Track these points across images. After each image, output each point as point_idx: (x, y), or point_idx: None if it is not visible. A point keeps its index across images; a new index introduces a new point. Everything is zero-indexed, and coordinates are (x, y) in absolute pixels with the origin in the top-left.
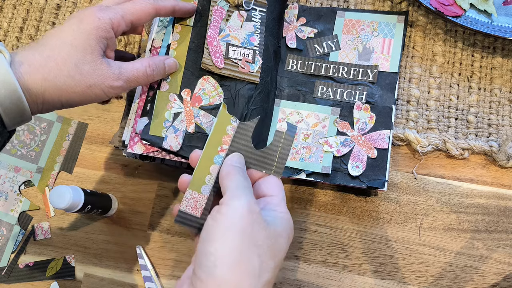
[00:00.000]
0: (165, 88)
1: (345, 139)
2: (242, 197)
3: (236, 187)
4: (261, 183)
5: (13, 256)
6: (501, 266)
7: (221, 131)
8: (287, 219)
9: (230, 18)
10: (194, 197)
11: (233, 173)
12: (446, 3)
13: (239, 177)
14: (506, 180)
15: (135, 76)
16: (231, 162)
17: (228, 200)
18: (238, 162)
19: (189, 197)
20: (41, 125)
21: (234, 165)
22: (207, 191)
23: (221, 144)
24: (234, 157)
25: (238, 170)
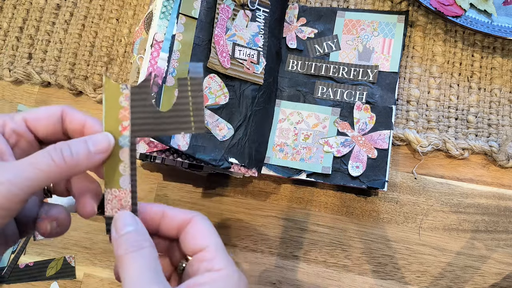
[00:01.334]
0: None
1: (345, 139)
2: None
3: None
4: (186, 234)
5: (13, 256)
6: (501, 266)
7: (114, 107)
8: (226, 278)
9: (236, 17)
10: (115, 195)
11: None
12: (446, 3)
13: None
14: (506, 180)
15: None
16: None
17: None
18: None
19: (110, 197)
20: None
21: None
22: (127, 183)
23: (120, 122)
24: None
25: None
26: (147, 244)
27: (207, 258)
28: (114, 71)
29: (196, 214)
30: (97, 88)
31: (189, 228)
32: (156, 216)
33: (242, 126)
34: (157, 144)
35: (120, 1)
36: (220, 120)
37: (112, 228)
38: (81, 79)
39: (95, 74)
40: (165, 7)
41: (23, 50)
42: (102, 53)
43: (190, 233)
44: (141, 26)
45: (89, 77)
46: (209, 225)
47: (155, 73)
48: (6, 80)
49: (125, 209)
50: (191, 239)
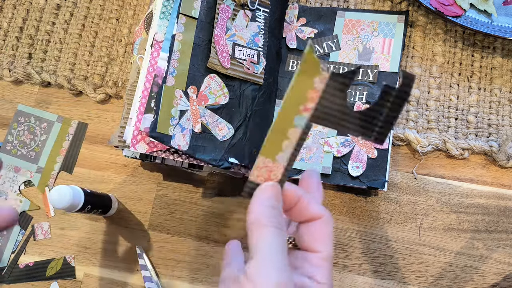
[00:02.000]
0: (171, 82)
1: (345, 139)
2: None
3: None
4: (308, 228)
5: (13, 256)
6: (501, 266)
7: (305, 84)
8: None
9: (236, 17)
10: (267, 165)
11: (265, 228)
12: (446, 3)
13: (272, 236)
14: (506, 180)
15: None
16: (260, 202)
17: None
18: (271, 199)
19: (261, 165)
20: (41, 125)
21: (265, 206)
22: (284, 160)
23: (306, 102)
24: (266, 192)
25: (273, 222)
26: (284, 228)
27: (314, 264)
28: (114, 71)
29: (326, 215)
30: (97, 88)
31: (313, 224)
32: (293, 200)
33: (242, 126)
34: (157, 144)
35: (120, 1)
36: (220, 120)
37: (259, 193)
38: (81, 79)
39: (95, 74)
40: (165, 7)
41: (23, 50)
42: (102, 53)
43: (312, 230)
44: (141, 26)
45: (89, 77)
46: (331, 231)
47: (155, 72)
48: (6, 80)
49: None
50: (310, 236)
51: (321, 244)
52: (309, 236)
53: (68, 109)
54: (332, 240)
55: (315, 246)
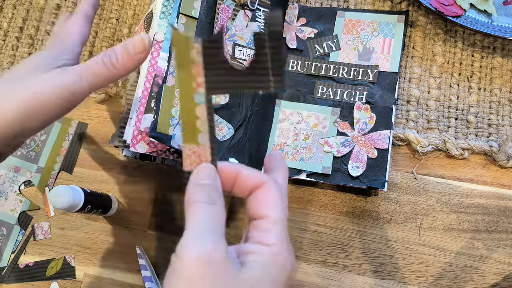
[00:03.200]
0: (171, 82)
1: (345, 139)
2: (198, 243)
3: (193, 227)
4: (253, 198)
5: (13, 256)
6: (501, 266)
7: (186, 63)
8: (274, 255)
9: (236, 17)
10: (194, 151)
11: (195, 204)
12: (446, 3)
13: (201, 211)
14: (506, 180)
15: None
16: (195, 181)
17: (182, 248)
18: (206, 177)
19: (188, 152)
20: None
21: (195, 185)
22: (205, 140)
23: (194, 78)
24: (196, 173)
25: (203, 198)
26: (220, 202)
27: (263, 229)
28: None
29: (269, 179)
30: None
31: (258, 192)
32: (231, 176)
33: (242, 126)
34: (157, 144)
35: (120, 1)
36: (220, 120)
37: (192, 176)
38: None
39: None
40: (165, 7)
41: (23, 50)
42: None
43: (257, 198)
44: (141, 26)
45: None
46: (278, 194)
47: (155, 72)
48: None
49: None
50: (255, 204)
51: (267, 209)
52: (255, 204)
53: None
54: (282, 203)
55: (261, 212)
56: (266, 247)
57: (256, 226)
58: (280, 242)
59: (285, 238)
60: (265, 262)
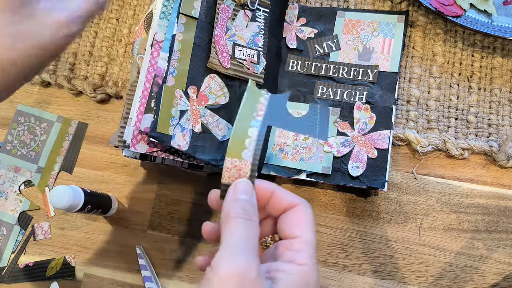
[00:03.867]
0: (171, 82)
1: (345, 139)
2: (234, 260)
3: (230, 243)
4: (285, 218)
5: (13, 256)
6: (501, 266)
7: (253, 101)
8: (303, 274)
9: (236, 17)
10: (235, 165)
11: (232, 219)
12: (446, 3)
13: (238, 226)
14: (506, 180)
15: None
16: (233, 196)
17: (217, 262)
18: (244, 193)
19: (229, 166)
20: (41, 125)
21: (233, 200)
22: (249, 156)
23: (256, 111)
24: (239, 185)
25: (240, 213)
26: (255, 218)
27: (295, 249)
28: (114, 71)
29: (302, 202)
30: (97, 88)
31: (291, 213)
32: (267, 194)
33: None
34: (157, 144)
35: (120, 1)
36: (220, 120)
37: (230, 190)
38: (81, 79)
39: (95, 74)
40: (165, 7)
41: None
42: (102, 53)
43: (289, 218)
44: (141, 26)
45: (89, 77)
46: (310, 217)
47: (155, 72)
48: None
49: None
50: (288, 223)
51: (300, 229)
52: (287, 224)
53: (68, 109)
54: (313, 226)
55: (294, 232)
56: (297, 266)
57: (287, 246)
58: (310, 263)
59: (315, 260)
60: (295, 281)
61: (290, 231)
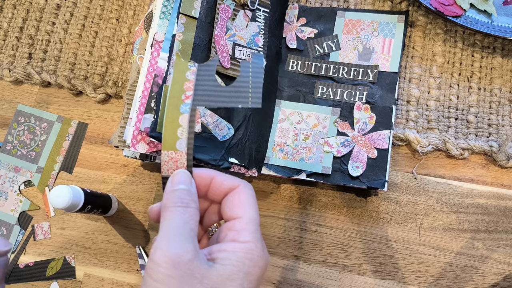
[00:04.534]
0: None
1: (345, 139)
2: (167, 246)
3: (165, 231)
4: (226, 200)
5: (13, 256)
6: (501, 266)
7: (181, 79)
8: (246, 251)
9: (236, 17)
10: (171, 157)
11: (168, 209)
12: (446, 3)
13: (173, 214)
14: (506, 180)
15: None
16: (171, 187)
17: (154, 250)
18: (181, 183)
19: (166, 159)
20: (41, 125)
21: (169, 191)
22: (183, 146)
23: (184, 92)
24: (176, 176)
25: (176, 202)
26: (193, 205)
27: (236, 228)
28: (114, 71)
29: (241, 183)
30: (97, 88)
31: (231, 196)
32: (206, 181)
33: (242, 126)
34: (157, 144)
35: (120, 1)
36: (220, 120)
37: (168, 182)
38: (81, 79)
39: (95, 74)
40: (165, 7)
41: (23, 50)
42: (102, 53)
43: (230, 200)
44: (141, 26)
45: (89, 77)
46: (249, 196)
47: (155, 72)
48: (6, 80)
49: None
50: (229, 206)
51: (240, 210)
52: (228, 206)
53: (68, 109)
54: (254, 204)
55: (235, 212)
56: (239, 244)
57: (229, 227)
58: (253, 240)
59: (258, 237)
60: (238, 258)
61: (232, 212)
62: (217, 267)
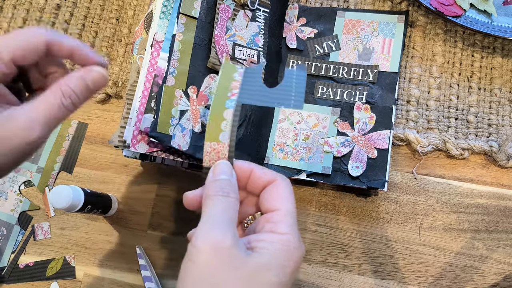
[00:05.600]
0: (171, 82)
1: (345, 139)
2: (208, 232)
3: (207, 218)
4: (265, 193)
5: (13, 256)
6: (501, 266)
7: (228, 79)
8: (284, 242)
9: (236, 17)
10: (214, 148)
11: (210, 197)
12: (446, 3)
13: (214, 203)
14: (506, 180)
15: (52, 115)
16: (212, 177)
17: (195, 236)
18: (222, 173)
19: (209, 150)
20: None
21: (212, 181)
22: (226, 138)
23: (231, 90)
24: (218, 167)
25: (217, 191)
26: (233, 195)
27: (274, 220)
28: (114, 71)
29: (279, 177)
30: None
31: (269, 188)
32: (246, 173)
33: (242, 126)
34: (157, 144)
35: (120, 1)
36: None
37: (210, 172)
38: None
39: None
40: (165, 7)
41: None
42: (102, 53)
43: (268, 193)
44: (141, 26)
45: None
46: (288, 190)
47: (155, 72)
48: None
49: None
50: (267, 198)
51: (278, 202)
52: (266, 199)
53: None
54: (291, 198)
55: (273, 205)
56: (277, 235)
57: (267, 219)
58: (291, 232)
59: (295, 229)
60: (275, 249)
61: (269, 205)
62: (255, 255)
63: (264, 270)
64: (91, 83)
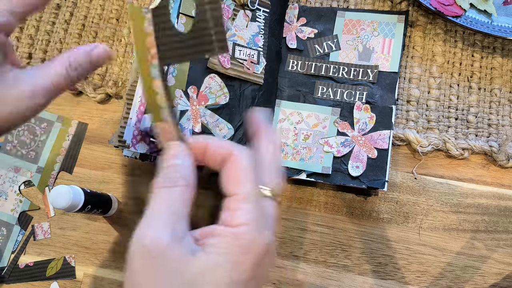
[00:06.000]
0: (171, 82)
1: (345, 139)
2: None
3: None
4: (224, 173)
5: (13, 256)
6: (501, 266)
7: (141, 34)
8: (235, 236)
9: (236, 17)
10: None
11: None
12: (446, 3)
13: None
14: (506, 180)
15: (56, 83)
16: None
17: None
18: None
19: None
20: (41, 125)
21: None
22: (167, 114)
23: (149, 50)
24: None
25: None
26: (182, 182)
27: (232, 207)
28: (114, 71)
29: (236, 151)
30: (97, 88)
31: (226, 168)
32: (200, 150)
33: (242, 126)
34: (157, 144)
35: (120, 1)
36: (220, 120)
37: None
38: None
39: (95, 74)
40: None
41: (23, 50)
42: None
43: (225, 174)
44: None
45: (89, 77)
46: (245, 166)
47: None
48: None
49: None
50: (224, 180)
51: (235, 185)
52: (226, 180)
53: (68, 109)
54: (251, 177)
55: (230, 189)
56: (230, 228)
57: (227, 206)
58: (247, 221)
59: (256, 217)
60: (225, 245)
61: (227, 189)
62: (200, 256)
63: (209, 273)
64: (95, 58)
